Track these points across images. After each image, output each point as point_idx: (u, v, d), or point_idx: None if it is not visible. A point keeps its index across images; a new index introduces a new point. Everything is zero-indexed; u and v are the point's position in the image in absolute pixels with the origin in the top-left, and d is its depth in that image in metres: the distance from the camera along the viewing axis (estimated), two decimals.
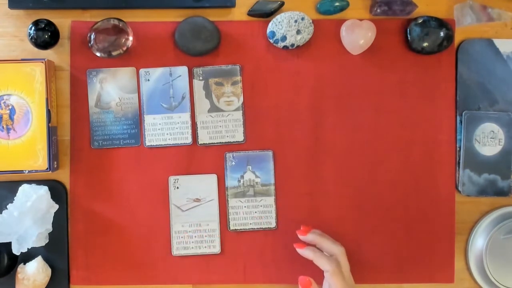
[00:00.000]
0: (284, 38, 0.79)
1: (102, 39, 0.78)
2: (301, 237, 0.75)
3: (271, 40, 0.80)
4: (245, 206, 0.81)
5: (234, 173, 0.81)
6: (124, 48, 0.79)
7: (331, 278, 0.71)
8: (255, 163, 0.81)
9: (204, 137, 0.81)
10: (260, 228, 0.81)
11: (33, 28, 0.77)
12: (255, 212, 0.81)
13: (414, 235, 0.82)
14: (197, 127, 0.81)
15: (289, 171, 0.82)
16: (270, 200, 0.81)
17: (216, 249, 0.81)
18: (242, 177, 0.81)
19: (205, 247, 0.81)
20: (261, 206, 0.81)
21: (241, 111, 0.81)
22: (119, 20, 0.79)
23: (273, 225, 0.81)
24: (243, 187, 0.81)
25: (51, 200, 0.78)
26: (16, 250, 0.75)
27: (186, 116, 0.81)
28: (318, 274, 0.82)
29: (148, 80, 0.81)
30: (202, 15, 0.81)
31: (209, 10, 0.81)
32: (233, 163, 0.81)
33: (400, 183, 0.82)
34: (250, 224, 0.81)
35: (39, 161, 0.76)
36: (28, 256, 0.78)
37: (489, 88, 0.82)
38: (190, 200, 0.81)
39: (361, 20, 0.81)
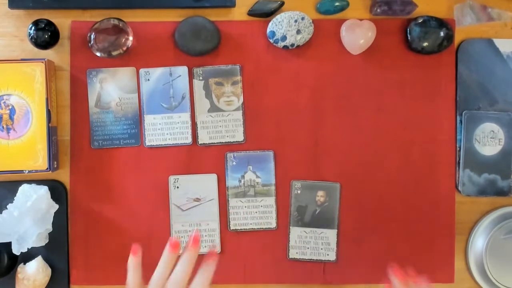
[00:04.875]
0: (284, 38, 0.79)
1: (102, 39, 0.78)
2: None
3: (271, 40, 0.80)
4: (245, 206, 0.81)
5: (235, 173, 0.81)
6: (124, 48, 0.79)
7: None
8: (256, 163, 0.81)
9: (204, 137, 0.81)
10: (261, 228, 0.81)
11: (33, 28, 0.77)
12: (256, 212, 0.81)
13: (414, 235, 0.82)
14: (197, 127, 0.81)
15: (289, 171, 0.81)
16: (271, 200, 0.81)
17: (216, 248, 0.81)
18: (243, 177, 0.81)
19: (205, 247, 0.81)
20: (261, 206, 0.81)
21: (241, 111, 0.81)
22: (119, 20, 0.79)
23: (274, 225, 0.81)
24: (243, 187, 0.81)
25: (51, 200, 0.78)
26: (16, 250, 0.75)
27: (186, 116, 0.81)
28: (316, 275, 0.82)
29: (148, 80, 0.81)
30: (202, 15, 0.81)
31: (209, 10, 0.81)
32: (234, 163, 0.81)
33: (400, 183, 0.82)
34: (251, 224, 0.81)
35: (39, 161, 0.76)
36: (28, 256, 0.78)
37: (489, 88, 0.82)
38: (190, 200, 0.81)
39: (361, 20, 0.81)
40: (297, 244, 0.81)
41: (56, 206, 0.78)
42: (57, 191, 0.80)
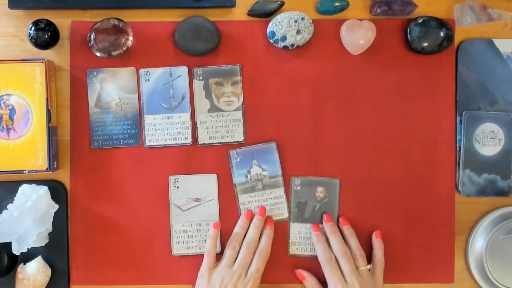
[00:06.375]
0: (284, 38, 0.79)
1: (102, 39, 0.78)
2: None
3: (271, 40, 0.80)
4: (255, 201, 0.81)
5: (241, 169, 0.81)
6: (124, 48, 0.79)
7: None
8: (259, 156, 0.81)
9: (204, 137, 0.81)
10: (274, 220, 0.81)
11: (33, 28, 0.77)
12: (266, 205, 0.81)
13: (414, 235, 0.82)
14: (197, 127, 0.81)
15: (289, 171, 0.81)
16: (280, 191, 0.81)
17: (217, 248, 0.81)
18: (249, 172, 0.81)
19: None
20: (271, 198, 0.81)
21: (241, 111, 0.82)
22: (119, 20, 0.79)
23: (286, 215, 0.81)
24: (251, 182, 0.81)
25: (51, 200, 0.78)
26: (16, 250, 0.75)
27: (186, 116, 0.81)
28: (316, 271, 0.82)
29: (148, 80, 0.81)
30: (202, 15, 0.81)
31: (209, 10, 0.81)
32: (238, 159, 0.81)
33: (400, 183, 0.82)
34: None
35: (39, 161, 0.76)
36: (28, 256, 0.78)
37: (489, 88, 0.82)
38: (190, 200, 0.81)
39: (361, 20, 0.81)
40: (297, 240, 0.81)
41: (56, 206, 0.78)
42: (57, 191, 0.80)
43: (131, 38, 0.79)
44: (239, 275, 0.76)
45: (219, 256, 0.80)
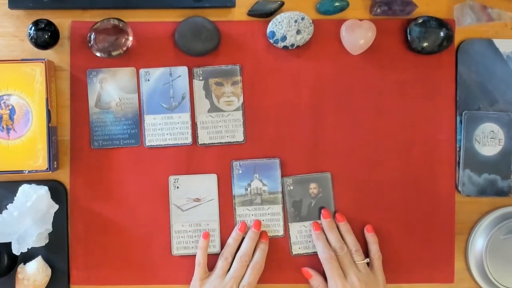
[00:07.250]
0: (284, 38, 0.79)
1: (102, 39, 0.78)
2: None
3: (271, 40, 0.80)
4: (252, 215, 0.81)
5: (241, 181, 0.81)
6: (124, 48, 0.79)
7: None
8: (262, 171, 0.81)
9: (204, 137, 0.81)
10: (269, 236, 0.81)
11: (33, 28, 0.77)
12: (263, 220, 0.81)
13: (414, 235, 0.82)
14: (197, 127, 0.81)
15: (288, 171, 0.81)
16: (278, 208, 0.81)
17: (216, 248, 0.81)
18: (249, 185, 0.81)
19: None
20: (268, 214, 0.81)
21: (241, 111, 0.81)
22: (119, 20, 0.79)
23: (281, 233, 0.81)
24: (250, 195, 0.81)
25: (51, 200, 0.78)
26: (16, 250, 0.75)
27: (186, 116, 0.81)
28: (321, 267, 0.82)
29: (148, 80, 0.81)
30: (202, 15, 0.81)
31: (209, 10, 0.81)
32: (240, 171, 0.81)
33: (400, 183, 0.82)
34: None
35: (39, 161, 0.76)
36: (28, 256, 0.78)
37: (489, 88, 0.82)
38: (190, 200, 0.81)
39: (361, 20, 0.81)
40: (298, 239, 0.81)
41: (56, 206, 0.78)
42: (57, 191, 0.80)
43: (131, 38, 0.79)
44: (231, 287, 0.76)
45: (215, 256, 0.80)
